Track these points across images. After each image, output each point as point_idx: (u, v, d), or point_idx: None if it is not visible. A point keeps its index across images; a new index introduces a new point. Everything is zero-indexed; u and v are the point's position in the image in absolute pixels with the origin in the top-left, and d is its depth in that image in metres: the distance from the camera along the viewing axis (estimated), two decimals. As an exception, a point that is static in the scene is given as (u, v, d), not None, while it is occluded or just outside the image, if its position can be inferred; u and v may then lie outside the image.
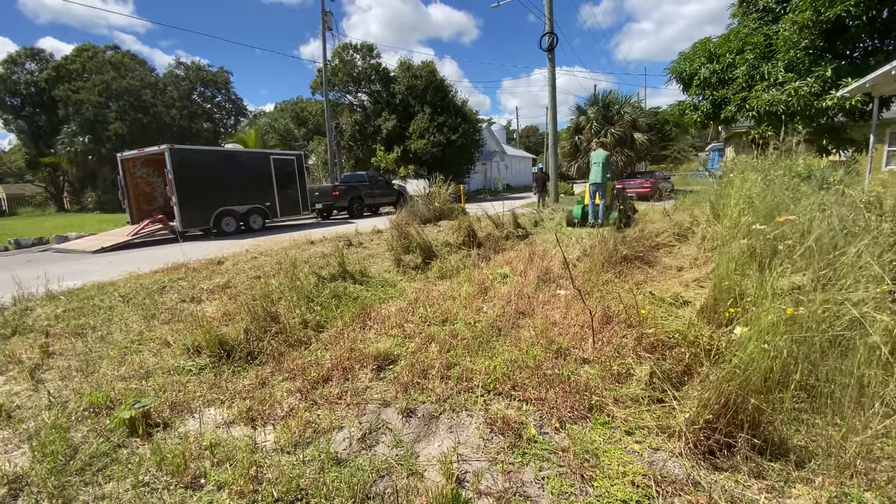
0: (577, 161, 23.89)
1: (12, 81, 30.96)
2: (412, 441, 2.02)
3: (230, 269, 5.84)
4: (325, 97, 22.78)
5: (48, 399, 2.48)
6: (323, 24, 20.87)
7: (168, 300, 4.49)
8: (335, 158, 22.71)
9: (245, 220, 12.45)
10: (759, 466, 1.72)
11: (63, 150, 28.60)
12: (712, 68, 11.45)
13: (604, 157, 8.60)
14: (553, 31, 17.57)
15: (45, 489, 1.71)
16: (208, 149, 13.15)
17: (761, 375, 1.82)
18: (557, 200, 18.98)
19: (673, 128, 27.33)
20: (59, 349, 3.27)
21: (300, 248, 7.50)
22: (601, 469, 1.76)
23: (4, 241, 11.23)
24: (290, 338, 3.12)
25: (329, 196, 16.20)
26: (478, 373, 2.56)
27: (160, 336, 3.41)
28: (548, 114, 19.16)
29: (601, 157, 8.58)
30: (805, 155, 6.42)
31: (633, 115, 22.99)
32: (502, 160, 40.38)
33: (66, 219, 22.39)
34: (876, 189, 4.21)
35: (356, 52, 26.50)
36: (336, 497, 1.63)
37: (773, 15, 11.07)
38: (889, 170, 13.02)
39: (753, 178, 4.46)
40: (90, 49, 32.52)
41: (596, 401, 2.20)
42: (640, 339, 2.63)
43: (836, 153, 11.46)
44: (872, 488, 1.58)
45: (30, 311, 4.26)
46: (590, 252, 5.07)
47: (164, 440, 2.05)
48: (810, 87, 9.29)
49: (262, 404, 2.30)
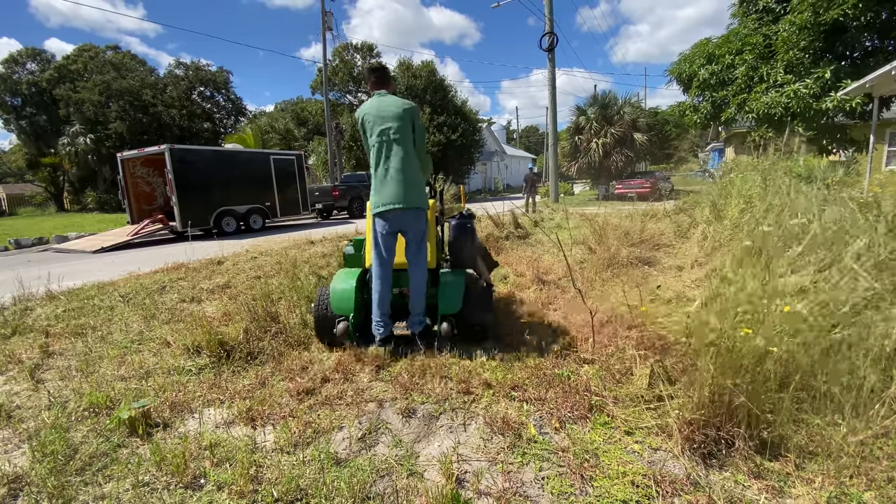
0: (577, 161, 23.91)
1: (13, 81, 30.99)
2: (412, 441, 2.02)
3: (230, 269, 5.84)
4: (325, 97, 22.79)
5: (48, 399, 2.48)
6: (323, 24, 20.88)
7: (168, 300, 4.50)
8: (335, 158, 22.71)
9: (245, 220, 12.46)
10: (758, 466, 1.72)
11: (64, 150, 28.61)
12: (711, 69, 11.46)
13: (401, 113, 2.81)
14: (553, 31, 17.59)
15: (45, 489, 1.71)
16: (208, 149, 13.16)
17: (761, 374, 1.82)
18: (557, 200, 18.98)
19: (673, 128, 27.31)
20: (59, 349, 3.27)
21: (300, 248, 7.50)
22: (601, 469, 1.76)
23: (4, 241, 11.23)
24: (290, 338, 3.12)
25: (329, 196, 16.21)
26: (476, 374, 2.56)
27: (160, 336, 3.41)
28: (548, 114, 19.17)
29: (396, 116, 2.81)
30: (805, 155, 6.42)
31: (633, 116, 23.00)
32: (502, 160, 40.40)
33: (67, 219, 22.39)
34: (874, 189, 4.22)
35: (356, 52, 26.52)
36: (336, 497, 1.63)
37: (773, 15, 11.07)
38: (889, 170, 13.02)
39: (753, 178, 4.47)
40: (91, 49, 32.56)
41: (596, 401, 2.20)
42: (640, 339, 2.63)
43: (836, 153, 11.46)
44: (872, 488, 1.58)
45: (30, 311, 4.26)
46: (590, 257, 5.07)
47: (164, 440, 2.05)
48: (809, 89, 9.29)
49: (262, 404, 2.30)
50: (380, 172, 2.84)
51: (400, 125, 2.80)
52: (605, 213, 7.36)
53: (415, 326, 2.91)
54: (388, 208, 2.78)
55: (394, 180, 2.79)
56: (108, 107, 28.69)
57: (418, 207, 2.84)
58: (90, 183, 31.09)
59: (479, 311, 2.98)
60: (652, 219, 7.12)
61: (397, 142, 2.80)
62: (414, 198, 2.82)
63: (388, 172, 2.81)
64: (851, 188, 5.15)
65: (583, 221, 7.67)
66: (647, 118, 24.19)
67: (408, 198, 2.79)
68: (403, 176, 2.80)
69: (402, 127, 2.80)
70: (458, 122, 24.70)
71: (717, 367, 1.83)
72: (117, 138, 27.98)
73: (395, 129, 2.79)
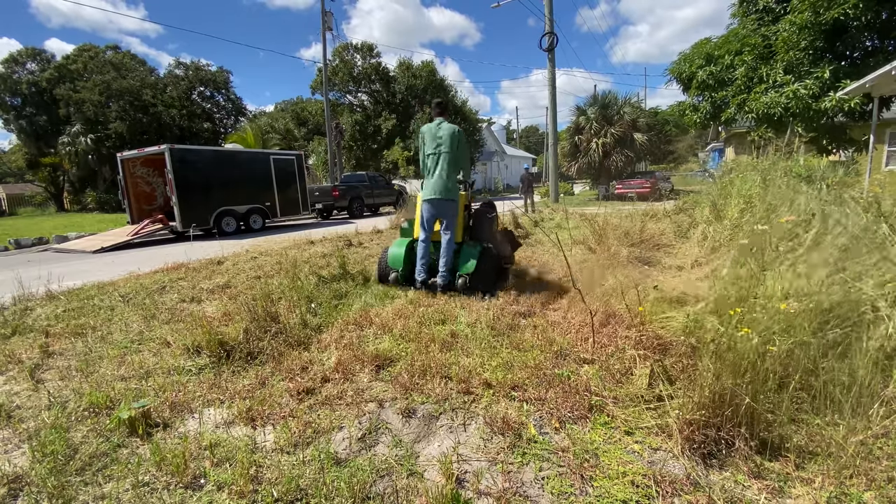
0: (577, 161, 23.92)
1: (13, 81, 30.95)
2: (412, 441, 2.02)
3: (230, 269, 5.84)
4: (325, 97, 22.79)
5: (48, 399, 2.48)
6: (323, 24, 20.88)
7: (168, 300, 4.49)
8: (335, 158, 22.71)
9: (245, 220, 12.45)
10: (758, 466, 1.72)
11: (64, 150, 28.59)
12: (710, 70, 11.45)
13: (450, 135, 4.20)
14: (553, 31, 17.60)
15: (45, 489, 1.71)
16: (208, 149, 13.15)
17: (761, 374, 1.82)
18: (557, 200, 18.98)
19: (673, 128, 27.31)
20: (59, 349, 3.27)
21: (300, 248, 7.50)
22: (601, 469, 1.76)
23: (4, 241, 11.23)
24: (290, 338, 3.12)
25: (329, 196, 16.20)
26: (477, 374, 2.56)
27: (160, 336, 3.41)
28: (548, 114, 19.18)
29: (446, 138, 4.21)
30: (804, 155, 6.43)
31: (633, 115, 23.01)
32: (502, 160, 40.40)
33: (67, 219, 22.39)
34: (874, 189, 4.22)
35: (356, 52, 26.52)
36: (336, 497, 1.63)
37: (773, 15, 11.05)
38: (889, 170, 13.03)
39: (753, 178, 4.47)
40: (91, 49, 32.52)
41: (596, 401, 2.20)
42: (640, 338, 2.63)
43: (836, 153, 11.45)
44: (872, 488, 1.58)
45: (30, 311, 4.26)
46: (590, 258, 5.07)
47: (164, 440, 2.05)
48: (808, 90, 9.29)
49: (262, 404, 2.30)
50: (430, 173, 4.25)
51: (448, 143, 4.21)
52: (605, 213, 7.35)
53: (442, 278, 4.22)
54: (431, 197, 4.20)
55: (438, 179, 4.19)
56: (108, 107, 28.68)
57: (451, 199, 4.23)
58: (90, 183, 31.08)
59: (485, 275, 4.18)
60: (652, 219, 7.11)
61: (443, 155, 4.20)
62: (448, 192, 4.21)
63: (434, 174, 4.21)
64: (851, 188, 5.15)
65: (583, 221, 7.66)
66: (647, 118, 24.19)
67: (444, 192, 4.19)
68: (444, 178, 4.19)
69: (449, 145, 4.20)
70: (458, 122, 24.74)
71: (717, 366, 1.83)
72: (117, 138, 27.97)
73: (444, 147, 4.20)
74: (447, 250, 4.22)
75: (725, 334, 1.93)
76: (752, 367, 1.83)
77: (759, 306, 2.08)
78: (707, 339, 2.23)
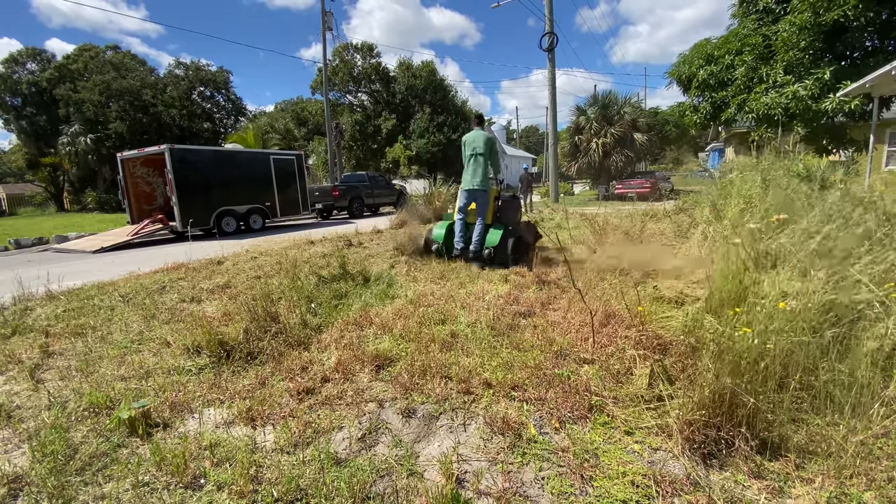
0: (577, 161, 23.92)
1: (13, 81, 30.94)
2: (412, 441, 2.02)
3: (230, 269, 5.84)
4: (325, 97, 22.79)
5: (48, 399, 2.48)
6: (323, 24, 20.89)
7: (168, 300, 4.50)
8: (335, 158, 22.71)
9: (245, 220, 12.45)
10: (758, 466, 1.72)
11: (64, 150, 28.59)
12: (710, 70, 11.46)
13: (484, 141, 5.55)
14: (553, 31, 17.60)
15: (45, 489, 1.71)
16: (208, 149, 13.15)
17: (761, 374, 1.82)
18: (557, 200, 18.99)
19: (673, 128, 27.31)
20: (59, 349, 3.27)
21: (300, 248, 7.50)
22: (601, 469, 1.76)
23: (4, 241, 11.23)
24: (290, 338, 3.12)
25: (329, 196, 16.20)
26: (477, 374, 2.55)
27: (160, 336, 3.41)
28: (548, 114, 19.18)
29: (481, 143, 5.55)
30: (804, 156, 6.43)
31: (633, 116, 23.02)
32: (502, 160, 40.42)
33: (67, 219, 22.39)
34: (879, 188, 4.22)
35: (356, 52, 26.53)
36: (336, 497, 1.63)
37: (773, 16, 11.06)
38: (889, 170, 13.04)
39: (753, 178, 4.47)
40: (91, 49, 32.51)
41: (596, 401, 2.20)
42: (640, 338, 2.63)
43: (836, 153, 11.46)
44: (872, 488, 1.58)
45: (30, 311, 4.26)
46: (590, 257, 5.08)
47: (164, 440, 2.05)
48: (808, 90, 9.29)
49: (262, 404, 2.30)
50: (468, 169, 5.59)
51: (482, 148, 5.54)
52: (605, 214, 7.35)
53: (474, 249, 5.44)
54: (468, 187, 5.56)
55: (474, 174, 5.54)
56: (108, 107, 28.67)
57: (483, 189, 5.55)
58: (90, 183, 31.07)
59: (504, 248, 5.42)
60: (652, 219, 7.11)
61: (477, 156, 5.55)
62: (481, 184, 5.53)
63: (471, 169, 5.56)
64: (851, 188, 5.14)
65: (583, 221, 7.66)
66: (647, 118, 24.20)
67: (478, 183, 5.53)
68: (478, 172, 5.53)
69: (483, 149, 5.53)
70: (458, 122, 24.74)
71: (716, 366, 1.83)
72: (117, 138, 27.96)
73: (479, 150, 5.53)
74: (480, 230, 5.46)
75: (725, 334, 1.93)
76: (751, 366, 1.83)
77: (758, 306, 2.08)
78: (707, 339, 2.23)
